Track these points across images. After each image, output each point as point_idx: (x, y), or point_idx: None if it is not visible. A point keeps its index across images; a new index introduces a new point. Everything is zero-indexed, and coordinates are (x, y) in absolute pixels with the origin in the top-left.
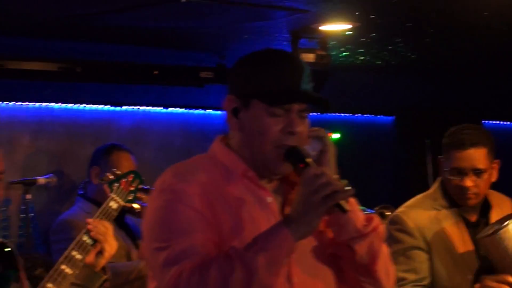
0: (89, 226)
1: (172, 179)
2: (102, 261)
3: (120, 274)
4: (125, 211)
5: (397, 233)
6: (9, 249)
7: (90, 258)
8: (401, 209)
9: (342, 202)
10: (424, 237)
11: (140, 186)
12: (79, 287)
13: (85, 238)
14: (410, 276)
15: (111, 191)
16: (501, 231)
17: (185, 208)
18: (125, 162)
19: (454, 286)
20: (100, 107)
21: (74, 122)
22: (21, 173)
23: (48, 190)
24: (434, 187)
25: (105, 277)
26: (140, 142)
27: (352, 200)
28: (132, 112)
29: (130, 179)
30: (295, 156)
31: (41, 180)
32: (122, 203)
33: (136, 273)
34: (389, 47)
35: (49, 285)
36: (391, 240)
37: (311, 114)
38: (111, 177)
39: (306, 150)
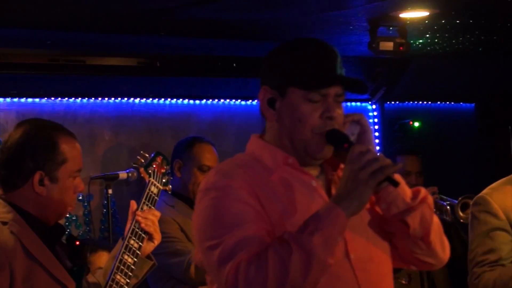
0: (138, 218)
1: (215, 177)
2: (150, 248)
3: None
4: None
5: (481, 214)
6: (78, 243)
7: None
8: (485, 190)
9: (392, 176)
10: (509, 217)
11: (168, 167)
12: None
13: (137, 226)
14: (491, 257)
15: (149, 175)
16: None
17: (232, 202)
18: (208, 154)
19: None
20: (179, 101)
21: (154, 116)
22: (102, 168)
23: (128, 184)
24: None
25: (152, 263)
26: (220, 135)
27: (398, 176)
28: (212, 105)
29: (160, 161)
30: (337, 137)
31: (123, 174)
32: (161, 187)
33: None
34: (468, 33)
35: (118, 276)
36: (475, 221)
37: (388, 103)
38: (143, 160)
39: (346, 133)
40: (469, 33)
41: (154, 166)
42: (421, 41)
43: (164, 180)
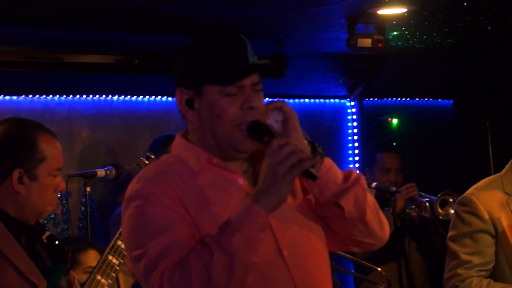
0: None
1: (137, 185)
2: None
3: None
4: None
5: (466, 215)
6: (58, 242)
7: None
8: (470, 190)
9: (311, 169)
10: (493, 220)
11: None
12: (128, 274)
13: None
14: (476, 260)
15: None
16: None
17: (155, 209)
18: None
19: None
20: (158, 98)
21: (132, 114)
22: (80, 166)
23: (105, 182)
24: (505, 170)
25: None
26: None
27: (328, 159)
28: None
29: None
30: (257, 129)
31: (101, 172)
32: None
33: None
34: (446, 29)
35: (99, 276)
36: (458, 220)
37: (369, 100)
38: (147, 162)
39: (268, 123)
40: (447, 29)
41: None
42: (399, 37)
43: None
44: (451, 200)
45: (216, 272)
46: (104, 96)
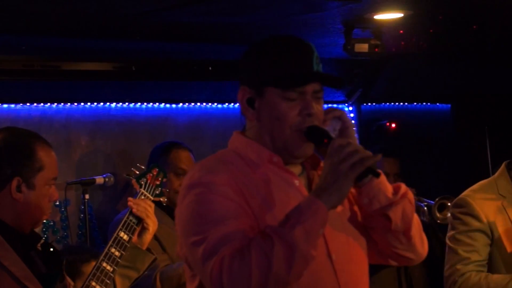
0: (130, 203)
1: (199, 173)
2: (148, 237)
3: (171, 278)
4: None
5: (462, 216)
6: (53, 249)
7: (135, 237)
8: (466, 193)
9: (373, 167)
10: (489, 223)
11: (165, 180)
12: (129, 268)
13: (131, 217)
14: (474, 256)
15: (140, 186)
16: None
17: (217, 198)
18: (184, 160)
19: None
20: (156, 105)
21: (130, 121)
22: (79, 173)
23: (104, 189)
24: (499, 173)
25: (154, 257)
26: (197, 139)
27: (380, 172)
28: (189, 108)
29: (155, 173)
30: (316, 133)
31: (100, 179)
32: (151, 197)
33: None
34: (443, 34)
35: (93, 283)
36: (456, 221)
37: (365, 105)
38: (137, 172)
39: (325, 129)
40: (444, 34)
41: (148, 177)
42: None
43: (157, 192)
44: (449, 204)
45: (276, 262)
46: (102, 103)
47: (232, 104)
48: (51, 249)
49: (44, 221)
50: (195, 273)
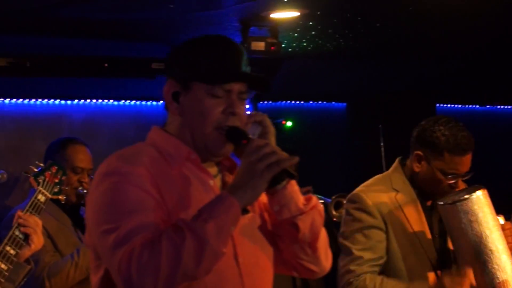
0: (20, 220)
1: (117, 163)
2: (27, 253)
3: (59, 274)
4: (81, 204)
5: (356, 212)
6: None
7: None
8: (360, 188)
9: (289, 169)
10: (383, 216)
11: (64, 178)
12: (5, 281)
13: (17, 232)
14: (367, 255)
15: (38, 184)
16: (460, 203)
17: (133, 189)
18: (81, 155)
19: (409, 266)
20: (51, 101)
21: (25, 117)
22: None
23: None
24: (393, 168)
25: (29, 267)
26: (93, 135)
27: (293, 181)
28: (84, 105)
29: (54, 171)
30: (236, 134)
31: None
32: (49, 195)
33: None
34: (339, 33)
35: None
36: (349, 218)
37: (261, 103)
38: (35, 170)
39: (246, 130)
40: (340, 33)
41: (46, 175)
42: (292, 41)
43: (56, 190)
44: (345, 202)
45: (186, 256)
46: None
47: (129, 101)
48: None
49: None
50: (101, 263)
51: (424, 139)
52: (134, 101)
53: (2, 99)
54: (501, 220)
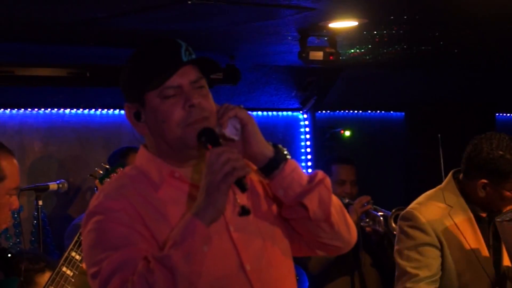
0: None
1: (98, 200)
2: None
3: None
4: None
5: (409, 230)
6: (10, 255)
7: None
8: (413, 205)
9: (243, 180)
10: (436, 233)
11: None
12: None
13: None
14: (423, 273)
15: None
16: None
17: (113, 226)
18: None
19: (463, 283)
20: (110, 111)
21: (84, 127)
22: (32, 179)
23: (58, 195)
24: (446, 182)
25: None
26: None
27: (292, 161)
28: None
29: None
30: (205, 136)
31: (53, 185)
32: None
33: None
34: (397, 43)
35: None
36: (403, 236)
37: (320, 112)
38: (101, 172)
39: (221, 132)
40: (398, 42)
41: (112, 177)
42: (351, 50)
43: None
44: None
45: None
46: (56, 109)
47: None
48: (9, 255)
49: None
50: None
51: (487, 168)
52: None
53: (62, 109)
54: None
